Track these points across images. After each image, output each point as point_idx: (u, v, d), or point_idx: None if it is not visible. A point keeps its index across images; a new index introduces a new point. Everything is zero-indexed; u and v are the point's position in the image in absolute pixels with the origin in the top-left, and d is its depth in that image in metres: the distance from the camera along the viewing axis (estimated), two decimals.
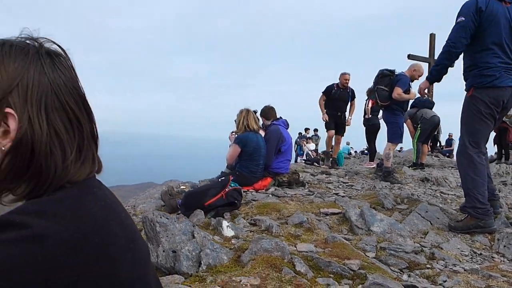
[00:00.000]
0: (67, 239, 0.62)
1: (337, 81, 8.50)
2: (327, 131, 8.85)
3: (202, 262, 2.36)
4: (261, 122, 5.64)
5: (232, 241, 2.80)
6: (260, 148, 5.00)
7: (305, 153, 16.56)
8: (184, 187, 6.21)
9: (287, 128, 5.72)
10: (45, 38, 0.77)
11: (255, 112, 5.39)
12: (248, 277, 2.20)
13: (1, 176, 0.71)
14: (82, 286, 0.62)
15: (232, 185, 4.14)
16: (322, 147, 19.07)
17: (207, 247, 2.43)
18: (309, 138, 18.45)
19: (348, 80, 8.34)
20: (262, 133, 5.48)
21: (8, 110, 0.69)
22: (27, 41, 0.75)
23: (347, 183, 6.23)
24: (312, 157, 15.85)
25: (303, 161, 15.09)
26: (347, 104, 8.70)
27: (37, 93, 0.71)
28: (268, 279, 2.22)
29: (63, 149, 0.73)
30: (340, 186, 5.89)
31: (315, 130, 19.77)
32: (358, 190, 5.60)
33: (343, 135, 9.02)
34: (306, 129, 19.59)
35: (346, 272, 2.42)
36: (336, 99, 8.45)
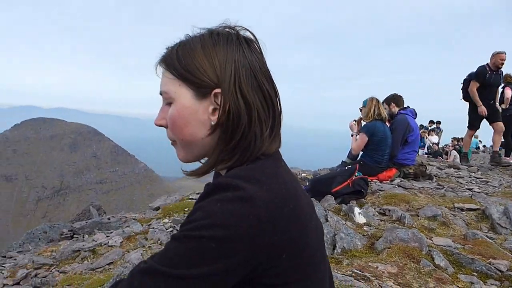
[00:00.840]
0: (270, 203, 0.68)
1: (480, 64, 6.74)
2: (470, 129, 7.10)
3: (336, 245, 2.36)
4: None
5: (364, 228, 2.73)
6: (386, 137, 4.72)
7: (426, 145, 15.30)
8: (306, 174, 6.27)
9: (415, 118, 5.30)
10: (240, 26, 0.83)
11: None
12: (385, 265, 2.13)
13: (215, 149, 0.80)
14: (279, 245, 0.68)
15: (357, 174, 4.03)
16: (444, 141, 17.38)
17: (341, 231, 2.42)
18: (431, 130, 16.94)
19: (505, 60, 6.54)
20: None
21: (218, 90, 0.76)
22: (227, 29, 0.82)
23: (481, 178, 5.56)
24: (434, 150, 14.57)
25: (425, 154, 13.96)
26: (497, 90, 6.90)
27: (241, 75, 0.77)
28: (406, 269, 2.12)
29: (261, 125, 0.79)
30: (473, 182, 5.29)
31: (438, 122, 18.09)
32: (495, 186, 4.95)
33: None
34: (431, 122, 18.01)
35: (492, 272, 2.18)
36: (490, 85, 6.60)
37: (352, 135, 5.16)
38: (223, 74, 0.76)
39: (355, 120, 5.26)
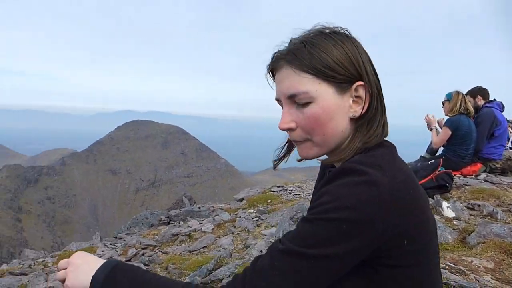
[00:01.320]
0: (393, 189, 0.66)
1: None
2: None
3: None
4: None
5: (454, 222, 2.52)
6: (471, 132, 4.28)
7: (510, 140, 13.63)
8: None
9: (502, 111, 4.75)
10: (339, 27, 0.81)
11: None
12: (480, 259, 1.94)
13: (353, 139, 0.77)
14: (401, 229, 0.67)
15: (440, 169, 3.72)
16: None
17: None
18: None
19: None
20: None
21: (359, 83, 0.75)
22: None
23: None
24: None
25: (509, 148, 12.48)
26: None
27: (368, 66, 0.77)
28: (503, 264, 1.91)
29: (384, 112, 0.79)
30: None
31: None
32: None
33: None
34: None
35: None
36: None
37: (431, 129, 4.76)
38: (361, 67, 0.76)
39: (428, 116, 4.80)
